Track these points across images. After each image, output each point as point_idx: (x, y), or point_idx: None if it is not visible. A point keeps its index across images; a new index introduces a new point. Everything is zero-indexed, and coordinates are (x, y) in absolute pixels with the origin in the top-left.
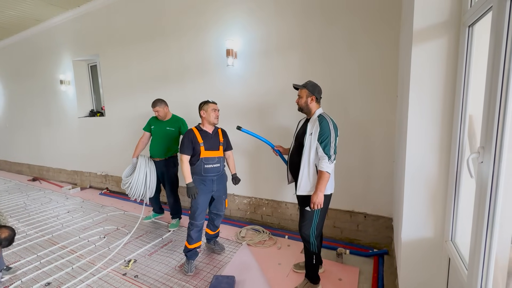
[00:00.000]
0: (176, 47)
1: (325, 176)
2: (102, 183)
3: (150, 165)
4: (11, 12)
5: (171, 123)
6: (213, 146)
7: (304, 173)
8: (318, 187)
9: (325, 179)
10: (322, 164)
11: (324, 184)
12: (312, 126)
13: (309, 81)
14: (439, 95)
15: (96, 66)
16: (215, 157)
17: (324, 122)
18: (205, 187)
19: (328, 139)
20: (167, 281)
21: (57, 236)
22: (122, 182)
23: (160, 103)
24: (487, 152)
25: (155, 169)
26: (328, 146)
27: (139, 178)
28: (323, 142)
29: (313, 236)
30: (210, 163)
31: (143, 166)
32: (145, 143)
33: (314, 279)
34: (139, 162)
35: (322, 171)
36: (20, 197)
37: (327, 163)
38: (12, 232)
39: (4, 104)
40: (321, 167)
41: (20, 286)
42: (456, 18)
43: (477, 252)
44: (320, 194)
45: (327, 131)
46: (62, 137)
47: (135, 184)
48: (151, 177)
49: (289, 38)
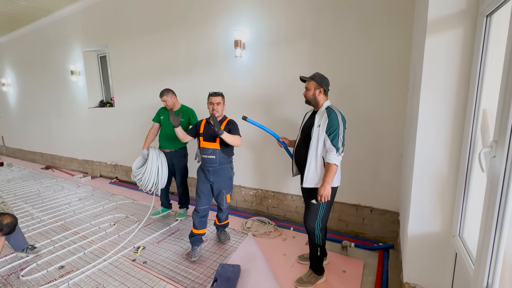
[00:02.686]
0: (184, 38)
1: (333, 168)
2: (112, 172)
3: (162, 157)
4: (22, 3)
5: (181, 114)
6: (210, 137)
7: (312, 166)
8: (326, 180)
9: (332, 172)
10: (330, 156)
11: (331, 176)
12: (320, 118)
13: (317, 73)
14: (452, 88)
15: (106, 57)
16: (210, 149)
17: (332, 114)
18: (204, 175)
19: (336, 131)
20: (175, 268)
21: (69, 222)
22: (133, 174)
23: (167, 92)
24: (500, 146)
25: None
26: (336, 138)
27: (152, 171)
28: (331, 134)
29: (318, 229)
30: (205, 154)
31: (155, 158)
32: (155, 134)
33: (318, 271)
34: (151, 154)
35: (330, 164)
36: (34, 184)
37: (335, 155)
38: (14, 219)
39: (17, 94)
40: (329, 159)
41: (35, 268)
42: (473, 8)
43: (485, 248)
44: (328, 187)
45: (335, 123)
46: (73, 127)
47: (148, 176)
48: (163, 169)
49: (298, 29)
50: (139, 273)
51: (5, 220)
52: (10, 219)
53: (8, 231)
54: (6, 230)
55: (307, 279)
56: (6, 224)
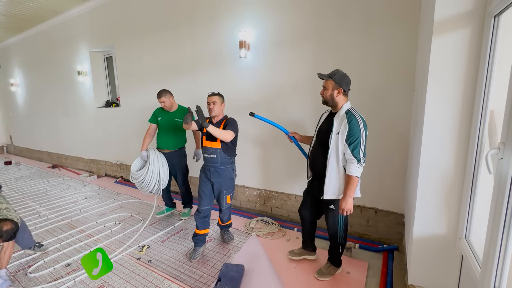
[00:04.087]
0: (189, 38)
1: (354, 181)
2: (117, 171)
3: (162, 159)
4: (30, 4)
5: (179, 114)
6: (211, 136)
7: (332, 177)
8: (347, 193)
9: (354, 184)
10: (350, 168)
11: (353, 189)
12: (339, 124)
13: (337, 70)
14: (459, 89)
15: (112, 58)
16: (211, 148)
17: (354, 121)
18: (205, 176)
19: (358, 140)
20: (179, 267)
21: (75, 220)
22: (132, 176)
23: (165, 93)
24: (508, 148)
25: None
26: (357, 149)
27: (153, 173)
28: (352, 144)
29: (340, 230)
30: (206, 153)
31: (155, 161)
32: (152, 135)
33: (337, 263)
34: (151, 156)
35: (351, 176)
36: (41, 183)
37: (356, 167)
38: (15, 226)
39: (25, 94)
40: (349, 171)
41: (43, 265)
42: (480, 8)
43: (492, 250)
44: (350, 200)
45: (357, 132)
46: (80, 127)
47: (149, 179)
48: (164, 171)
49: (303, 29)
50: (144, 272)
51: (5, 227)
52: (10, 225)
53: (8, 237)
54: (6, 237)
55: (326, 271)
56: (5, 231)
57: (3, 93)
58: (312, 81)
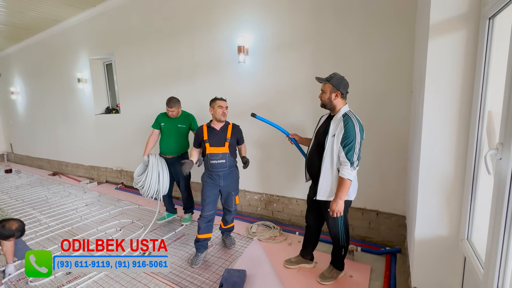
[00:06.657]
0: (188, 44)
1: (346, 183)
2: (117, 178)
3: (162, 164)
4: (31, 13)
5: (182, 120)
6: (218, 142)
7: (326, 178)
8: (338, 195)
9: (346, 187)
10: (343, 170)
11: (344, 192)
12: (336, 126)
13: (335, 73)
14: (456, 91)
15: (111, 65)
16: (219, 153)
17: (349, 124)
18: (212, 181)
19: (352, 143)
20: (181, 273)
21: (76, 228)
22: (135, 181)
23: (176, 102)
24: (506, 148)
25: (167, 166)
26: (351, 152)
27: (152, 178)
28: (346, 147)
29: (341, 232)
30: (214, 159)
31: (155, 165)
32: (155, 140)
33: (340, 267)
34: (151, 161)
35: (343, 178)
36: (42, 190)
37: (349, 170)
38: (22, 223)
39: (26, 102)
40: (342, 173)
41: None
42: (475, 10)
43: (493, 251)
44: (340, 202)
45: (352, 135)
46: (80, 134)
47: (149, 183)
48: (164, 175)
49: (301, 34)
50: (145, 279)
51: (13, 226)
52: (18, 223)
53: (19, 235)
54: (18, 234)
55: (329, 275)
56: (16, 229)
57: (4, 101)
58: (311, 85)
